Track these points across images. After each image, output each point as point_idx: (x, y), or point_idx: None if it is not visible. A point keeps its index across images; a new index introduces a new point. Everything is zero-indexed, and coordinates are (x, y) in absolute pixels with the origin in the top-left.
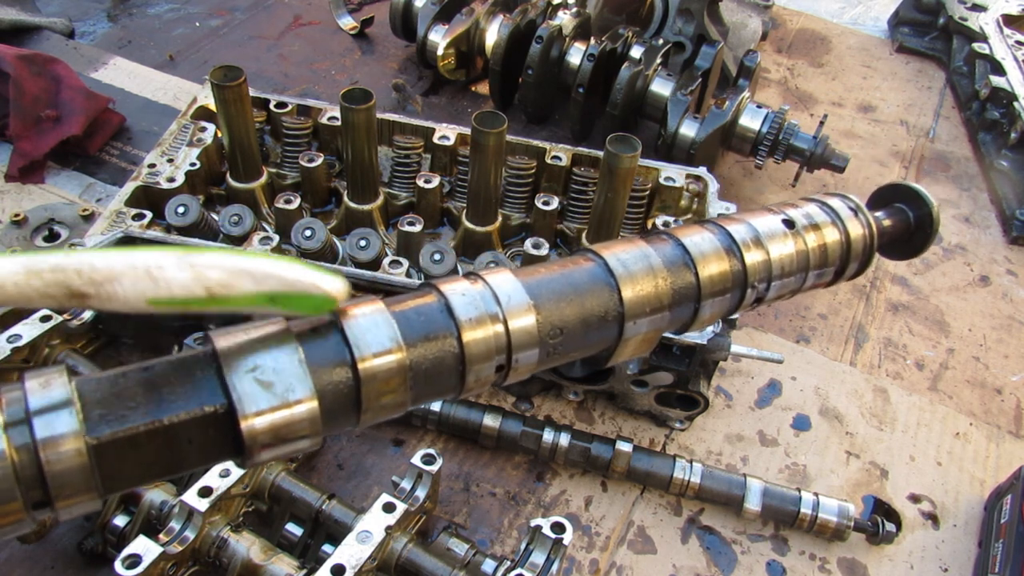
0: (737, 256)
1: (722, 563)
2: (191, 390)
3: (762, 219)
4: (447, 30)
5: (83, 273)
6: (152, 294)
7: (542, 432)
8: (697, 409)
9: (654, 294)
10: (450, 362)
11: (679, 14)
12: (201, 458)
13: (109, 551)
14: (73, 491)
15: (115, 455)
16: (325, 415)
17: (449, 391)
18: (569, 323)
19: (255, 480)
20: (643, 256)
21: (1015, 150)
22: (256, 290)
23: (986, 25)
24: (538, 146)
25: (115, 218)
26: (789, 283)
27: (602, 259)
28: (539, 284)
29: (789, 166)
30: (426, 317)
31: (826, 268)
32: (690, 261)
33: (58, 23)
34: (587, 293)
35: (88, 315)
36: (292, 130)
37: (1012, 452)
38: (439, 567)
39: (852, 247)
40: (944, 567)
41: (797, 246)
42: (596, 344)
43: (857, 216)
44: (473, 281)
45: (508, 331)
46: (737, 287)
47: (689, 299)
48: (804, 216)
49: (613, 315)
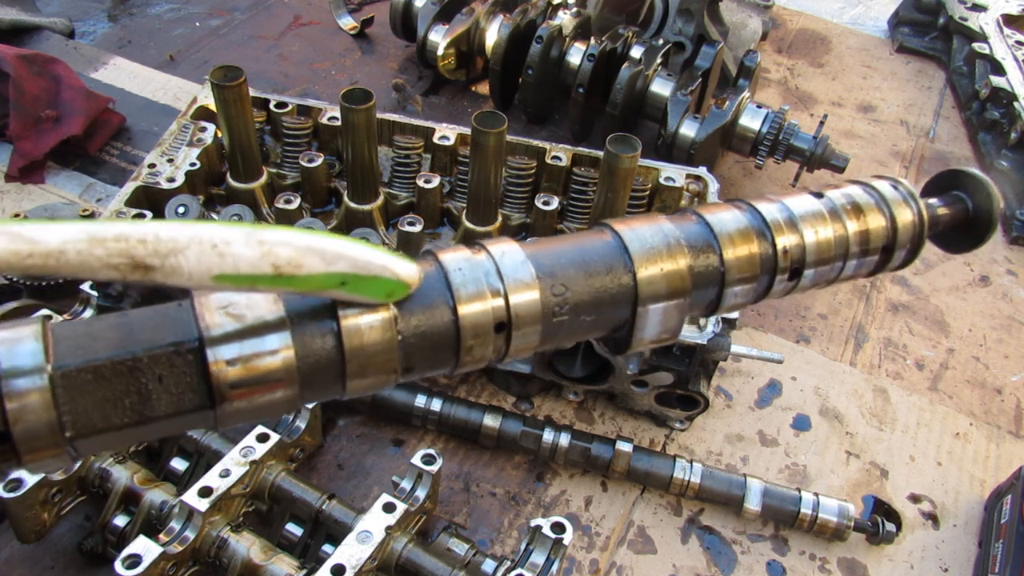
0: (768, 238)
1: (722, 563)
2: (163, 327)
3: (798, 199)
4: (447, 30)
5: (148, 243)
6: (218, 270)
7: (542, 432)
8: (697, 409)
9: (673, 274)
10: (444, 336)
11: (679, 14)
12: (171, 402)
13: (109, 551)
14: (36, 426)
15: (80, 389)
16: (302, 366)
17: (444, 364)
18: (576, 301)
19: (255, 480)
20: (662, 233)
21: (1015, 150)
22: (326, 270)
23: (986, 25)
24: (538, 146)
25: (115, 218)
26: (825, 272)
27: (617, 234)
28: (546, 256)
29: (789, 166)
30: (421, 287)
31: (867, 257)
32: (715, 242)
33: (58, 23)
34: (598, 269)
35: (88, 314)
36: (292, 130)
37: (1012, 452)
38: (439, 567)
39: (899, 234)
40: (944, 567)
41: (836, 229)
42: (604, 326)
43: (907, 201)
44: (476, 250)
45: (508, 306)
46: (766, 272)
47: (712, 283)
48: (844, 197)
49: (625, 295)
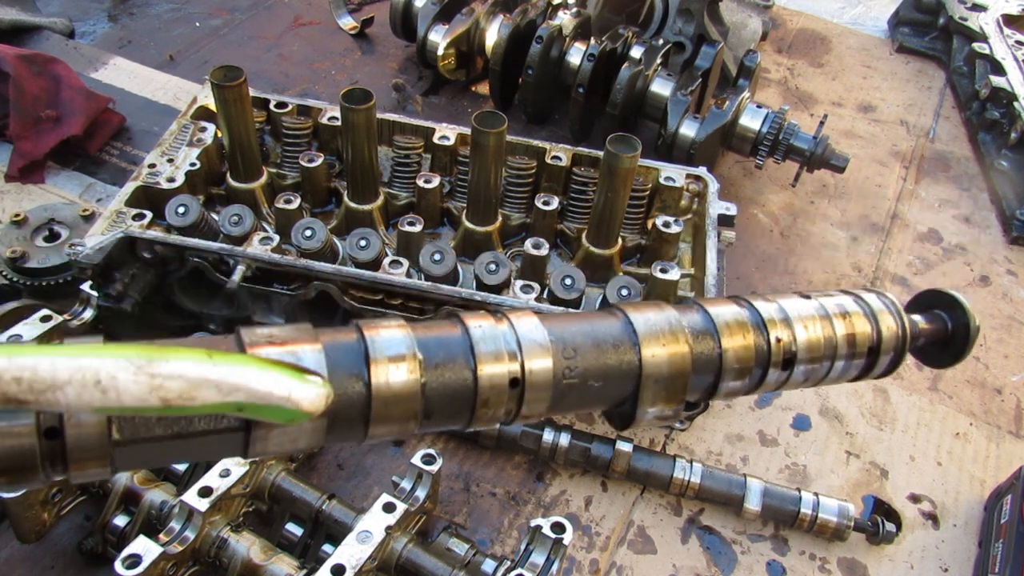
0: (763, 332)
1: (722, 563)
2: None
3: (792, 301)
4: (447, 30)
5: (23, 380)
6: (99, 404)
7: (542, 432)
8: (697, 409)
9: (675, 354)
10: (463, 390)
11: (679, 14)
12: (209, 420)
13: (109, 551)
14: (88, 426)
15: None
16: (333, 410)
17: (460, 419)
18: (585, 367)
19: (255, 480)
20: (667, 318)
21: (1015, 150)
22: (221, 400)
23: (986, 25)
24: (538, 146)
25: (115, 218)
26: (816, 369)
27: (626, 315)
28: (560, 329)
29: (789, 166)
30: (446, 343)
31: (854, 359)
32: (714, 330)
33: (58, 23)
34: (606, 343)
35: (88, 315)
36: (292, 130)
37: (1012, 452)
38: (439, 567)
39: (883, 341)
40: (944, 567)
41: (824, 331)
42: (610, 397)
43: (891, 312)
44: (498, 319)
45: (524, 368)
46: (760, 365)
47: (710, 370)
48: (835, 304)
49: (630, 370)
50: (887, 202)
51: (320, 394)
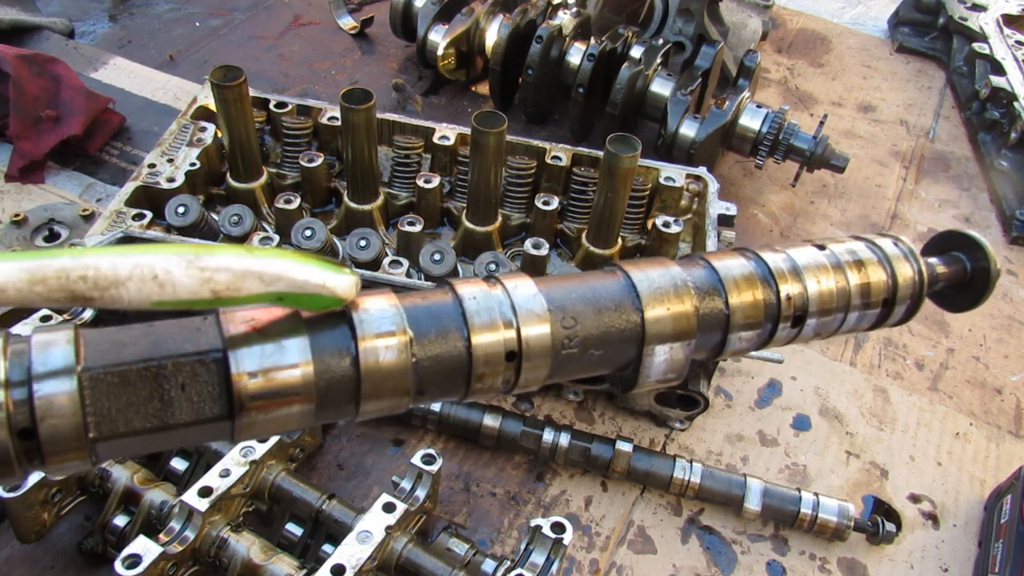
0: (772, 286)
1: (722, 563)
2: (189, 337)
3: (802, 250)
4: (447, 30)
5: (88, 278)
6: (158, 298)
7: (542, 432)
8: (697, 409)
9: (680, 316)
10: (457, 363)
11: (679, 14)
12: (192, 410)
13: (109, 551)
14: (62, 426)
15: (106, 392)
16: (320, 385)
17: (455, 391)
18: (585, 335)
19: (255, 480)
20: (670, 276)
21: (1015, 150)
22: (264, 291)
23: (986, 25)
24: (538, 146)
25: (115, 218)
26: (828, 322)
27: (627, 275)
28: (558, 293)
29: (789, 166)
30: (437, 314)
31: (868, 310)
32: (721, 286)
33: (58, 23)
34: (607, 308)
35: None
36: (292, 130)
37: (1012, 452)
38: (439, 567)
39: (899, 289)
40: (944, 567)
41: (838, 281)
42: (612, 362)
43: (907, 258)
44: (492, 284)
45: (520, 337)
46: (770, 319)
47: (717, 327)
48: (847, 251)
49: (632, 334)
50: (887, 202)
51: (351, 282)
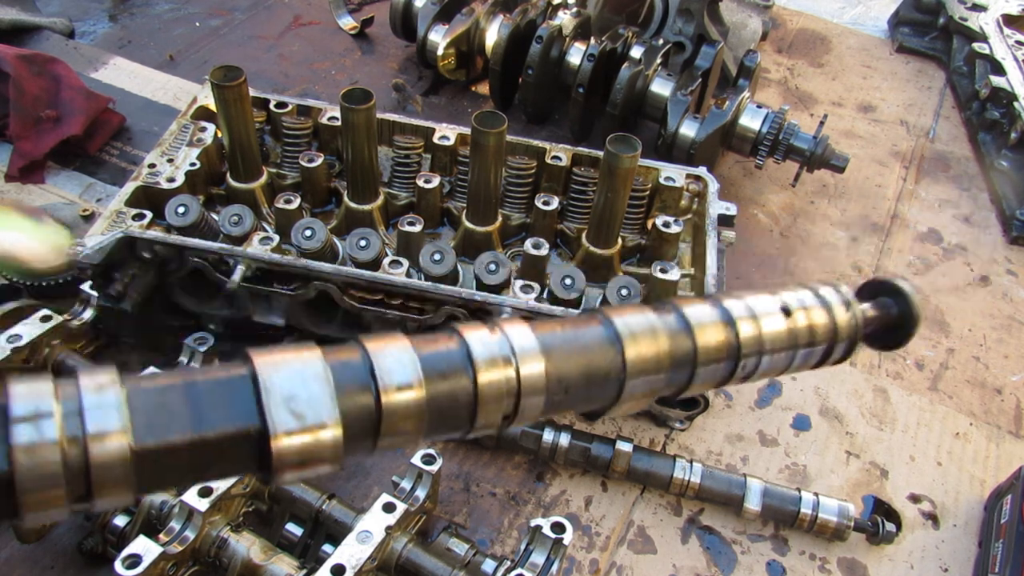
0: (732, 329)
1: (722, 563)
2: (230, 410)
3: (757, 298)
4: (447, 30)
5: None
6: None
7: (542, 432)
8: (697, 409)
9: (654, 356)
10: (463, 401)
11: (679, 14)
12: (230, 470)
13: (109, 551)
14: (112, 488)
15: (154, 462)
16: (347, 442)
17: (460, 428)
18: (574, 376)
19: (255, 480)
20: (647, 321)
21: (1015, 150)
22: None
23: (986, 25)
24: (538, 146)
25: (115, 218)
26: (779, 359)
27: (610, 321)
28: (551, 338)
29: (789, 166)
30: (447, 358)
31: (814, 348)
32: (689, 329)
33: (58, 23)
34: (594, 350)
35: (88, 315)
36: (292, 130)
37: (1012, 452)
38: (439, 567)
39: (839, 332)
40: (944, 567)
41: (788, 324)
42: (597, 399)
43: (844, 304)
44: (492, 330)
45: (519, 377)
46: (731, 358)
47: (686, 365)
48: (796, 299)
49: (615, 373)
50: (887, 202)
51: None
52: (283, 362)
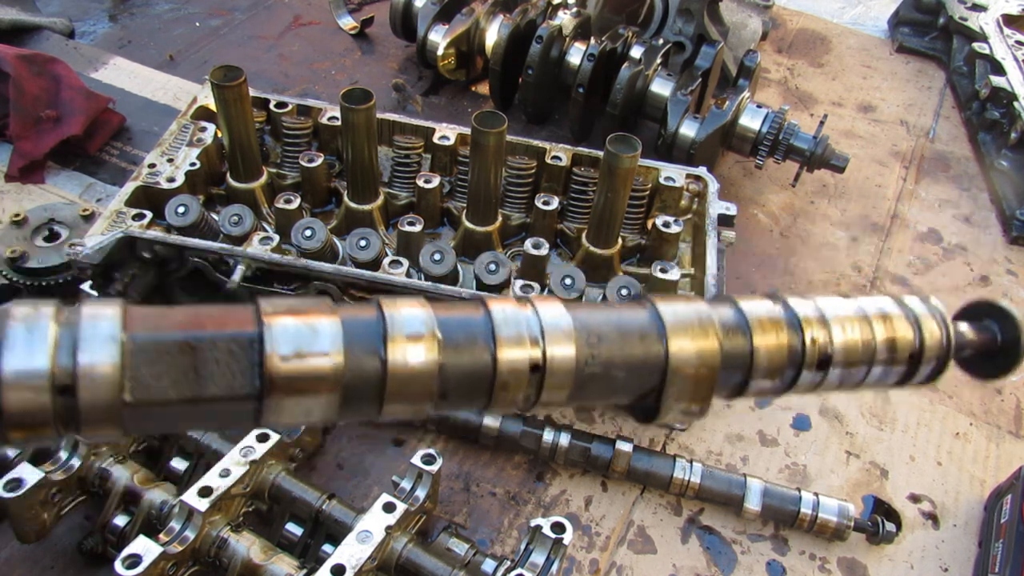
0: (798, 331)
1: (722, 563)
2: (229, 318)
3: (830, 300)
4: (447, 30)
5: None
6: None
7: (542, 432)
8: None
9: (704, 350)
10: (481, 372)
11: (679, 14)
12: (224, 385)
13: (109, 551)
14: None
15: (145, 359)
16: (347, 380)
17: (477, 402)
18: (609, 356)
19: (255, 480)
20: (696, 311)
21: (1015, 150)
22: None
23: (986, 25)
24: (538, 146)
25: (115, 218)
26: (851, 374)
27: (655, 306)
28: (587, 317)
29: (789, 166)
30: (467, 325)
31: (894, 367)
32: (746, 327)
33: (58, 23)
34: (633, 336)
35: None
36: (292, 130)
37: (1012, 452)
38: (439, 567)
39: (926, 348)
40: (944, 567)
41: (864, 335)
42: (633, 390)
43: (935, 319)
44: (522, 304)
45: (545, 354)
46: (793, 366)
47: (740, 367)
48: (876, 307)
49: (656, 363)
50: (887, 202)
51: None
52: (286, 302)
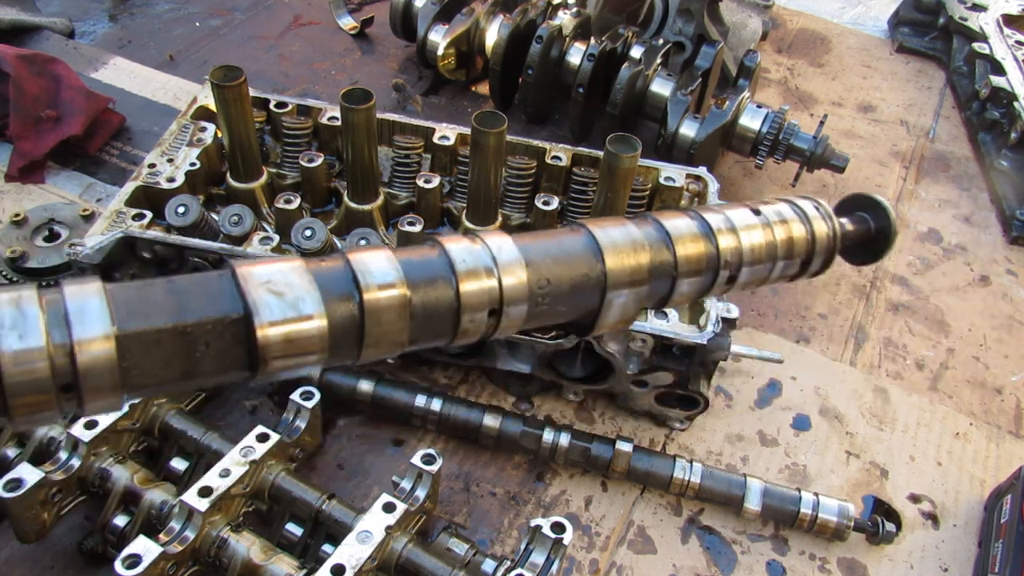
0: (712, 240)
1: (722, 563)
2: (211, 298)
3: (736, 211)
4: (447, 30)
5: None
6: None
7: (542, 432)
8: (697, 409)
9: (634, 266)
10: (447, 306)
11: (679, 14)
12: (216, 365)
13: (109, 551)
14: (102, 382)
15: (139, 351)
16: (332, 335)
17: (444, 335)
18: (556, 283)
19: (255, 480)
20: (626, 232)
21: (1015, 150)
22: None
23: (986, 25)
24: (538, 146)
25: (115, 218)
26: (758, 270)
27: (589, 231)
28: (532, 247)
29: (789, 166)
30: (428, 264)
31: (792, 260)
32: (669, 240)
33: (58, 23)
34: (574, 258)
35: None
36: (292, 130)
37: (1012, 452)
38: (439, 567)
39: (817, 244)
40: (944, 567)
41: (766, 237)
42: (579, 307)
43: (823, 217)
44: (473, 240)
45: (501, 284)
46: (710, 269)
47: (666, 275)
48: (775, 212)
49: (596, 281)
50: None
51: None
52: (264, 262)
